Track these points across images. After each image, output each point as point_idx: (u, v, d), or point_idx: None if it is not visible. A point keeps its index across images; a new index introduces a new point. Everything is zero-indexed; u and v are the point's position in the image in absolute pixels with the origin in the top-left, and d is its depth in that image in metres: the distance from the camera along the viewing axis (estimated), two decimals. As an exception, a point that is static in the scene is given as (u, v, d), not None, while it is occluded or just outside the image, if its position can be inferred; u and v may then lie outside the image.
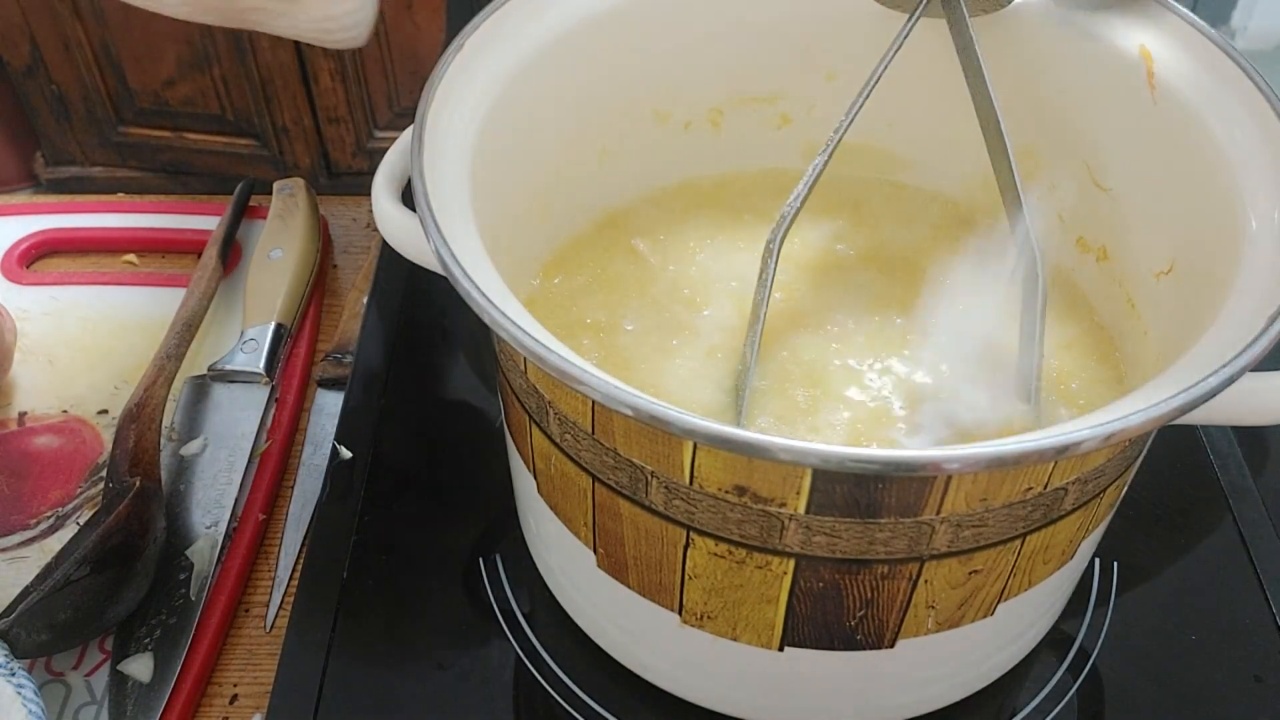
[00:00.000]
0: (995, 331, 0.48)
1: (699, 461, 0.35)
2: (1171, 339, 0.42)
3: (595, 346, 0.47)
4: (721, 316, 0.48)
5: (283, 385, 0.62)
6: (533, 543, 0.50)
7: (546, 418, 0.39)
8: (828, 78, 0.52)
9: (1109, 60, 0.45)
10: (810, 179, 0.43)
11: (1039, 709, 0.47)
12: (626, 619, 0.44)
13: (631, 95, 0.51)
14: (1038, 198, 0.51)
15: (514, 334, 0.33)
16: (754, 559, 0.37)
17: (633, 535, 0.40)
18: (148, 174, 1.54)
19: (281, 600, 0.53)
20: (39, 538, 0.55)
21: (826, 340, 0.47)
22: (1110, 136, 0.47)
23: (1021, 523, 0.36)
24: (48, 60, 1.43)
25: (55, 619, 0.47)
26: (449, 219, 0.37)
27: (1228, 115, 0.41)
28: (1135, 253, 0.47)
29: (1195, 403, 0.32)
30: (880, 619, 0.39)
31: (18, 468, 0.58)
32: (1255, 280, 0.36)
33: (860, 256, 0.52)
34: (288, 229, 0.67)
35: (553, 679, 0.48)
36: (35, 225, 0.71)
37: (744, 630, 0.41)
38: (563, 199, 0.51)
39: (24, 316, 0.65)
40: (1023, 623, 0.44)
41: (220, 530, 0.54)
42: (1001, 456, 0.31)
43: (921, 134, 0.53)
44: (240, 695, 0.50)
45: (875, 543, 0.36)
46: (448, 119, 0.41)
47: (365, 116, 1.44)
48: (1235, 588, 0.51)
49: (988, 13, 0.46)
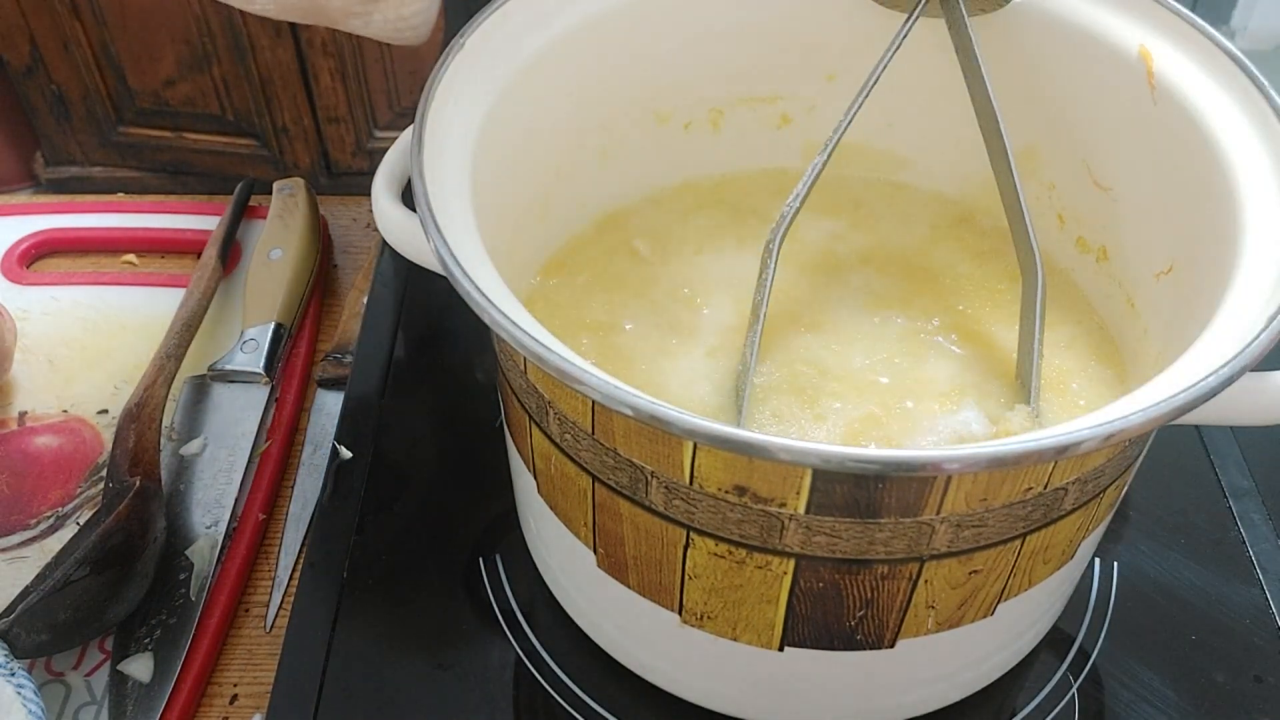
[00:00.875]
0: (995, 331, 0.48)
1: (699, 461, 0.35)
2: (1171, 339, 0.42)
3: (595, 346, 0.47)
4: (721, 316, 0.48)
5: (283, 385, 0.62)
6: (533, 543, 0.50)
7: (546, 418, 0.39)
8: (828, 78, 0.52)
9: (1109, 60, 0.45)
10: (810, 179, 0.43)
11: (1039, 709, 0.47)
12: (626, 619, 0.44)
13: (631, 95, 0.51)
14: (1037, 198, 0.51)
15: (514, 334, 0.33)
16: (754, 559, 0.37)
17: (633, 535, 0.40)
18: (148, 174, 1.54)
19: (281, 600, 0.53)
20: (39, 538, 0.55)
21: (826, 340, 0.47)
22: (1110, 136, 0.47)
23: (1021, 523, 0.36)
24: (48, 60, 1.43)
25: (55, 619, 0.47)
26: (449, 219, 0.37)
27: (1228, 115, 0.41)
28: (1135, 253, 0.47)
29: (1195, 403, 0.32)
30: (880, 619, 0.39)
31: (18, 468, 0.58)
32: (1255, 280, 0.36)
33: (860, 256, 0.52)
34: (288, 229, 0.67)
35: (553, 679, 0.48)
36: (35, 225, 0.71)
37: (744, 630, 0.41)
38: (563, 199, 0.51)
39: (24, 316, 0.65)
40: (1023, 623, 0.44)
41: (220, 530, 0.54)
42: (1001, 456, 0.31)
43: (921, 134, 0.53)
44: (240, 695, 0.50)
45: (875, 543, 0.36)
46: (448, 119, 0.41)
47: (365, 116, 1.44)
48: (1235, 588, 0.51)
49: (986, 12, 0.46)
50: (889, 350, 0.47)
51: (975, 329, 0.48)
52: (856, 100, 0.45)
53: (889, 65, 0.46)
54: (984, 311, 0.49)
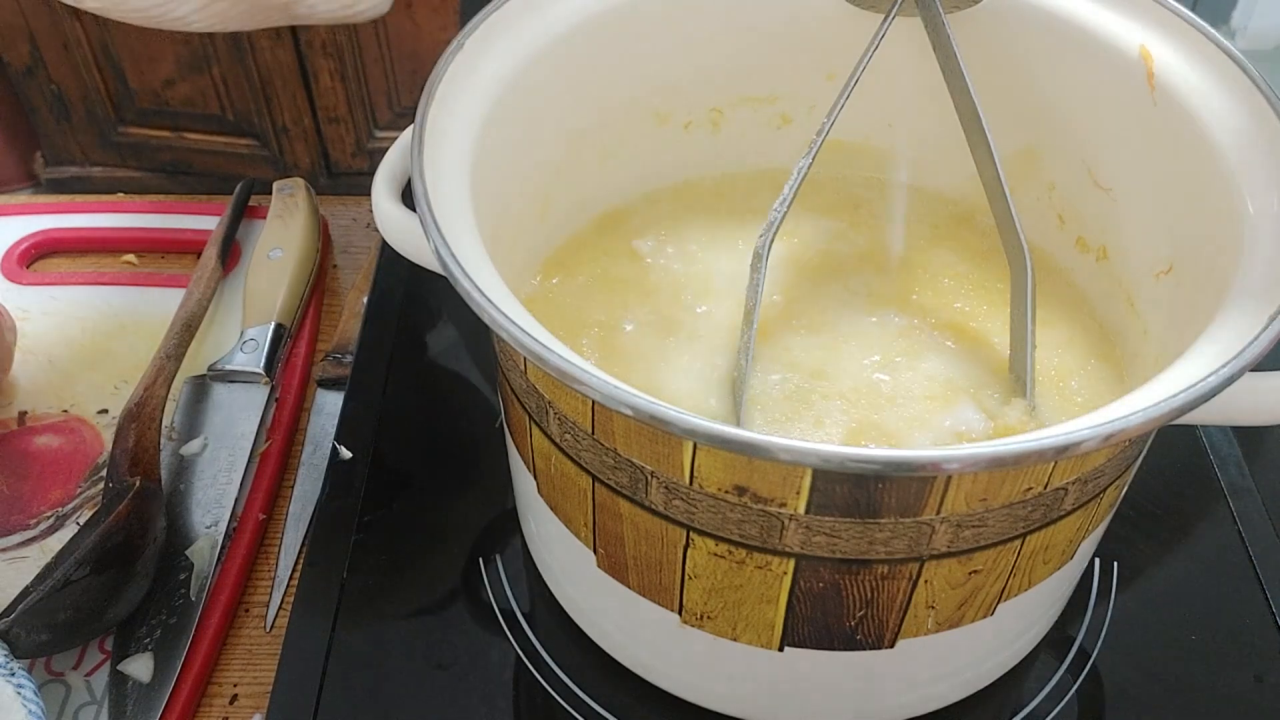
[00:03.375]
0: (994, 330, 0.48)
1: (699, 461, 0.35)
2: (1171, 338, 0.42)
3: (595, 346, 0.47)
4: (721, 316, 0.48)
5: (283, 385, 0.62)
6: (533, 543, 0.50)
7: (546, 418, 0.39)
8: (828, 78, 0.52)
9: (1109, 60, 0.45)
10: (795, 182, 0.43)
11: (1039, 709, 0.47)
12: (626, 619, 0.44)
13: (631, 95, 0.51)
14: (1037, 198, 0.51)
15: (514, 334, 0.33)
16: (754, 559, 0.37)
17: (633, 535, 0.40)
18: (148, 174, 1.54)
19: (281, 600, 0.53)
20: (39, 538, 0.55)
21: (826, 339, 0.47)
22: (1110, 136, 0.47)
23: (1021, 523, 0.36)
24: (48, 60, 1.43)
25: (55, 619, 0.47)
26: (449, 219, 0.37)
27: (1228, 115, 0.41)
28: (1135, 253, 0.47)
29: (1195, 403, 0.32)
30: (880, 619, 0.39)
31: (18, 468, 0.58)
32: (1255, 280, 0.36)
33: (859, 256, 0.52)
34: (288, 229, 0.67)
35: (553, 679, 0.48)
36: (35, 225, 0.71)
37: (744, 630, 0.41)
38: (563, 199, 0.51)
39: (24, 316, 0.65)
40: (1023, 623, 0.44)
41: (220, 530, 0.54)
42: (1001, 456, 0.31)
43: (921, 134, 0.53)
44: (240, 695, 0.50)
45: (875, 543, 0.36)
46: (448, 119, 0.41)
47: (365, 116, 1.44)
48: (1235, 588, 0.51)
49: (960, 9, 0.46)
50: (888, 350, 0.47)
51: (974, 328, 0.48)
52: (838, 103, 0.44)
53: (889, 65, 0.46)
54: (982, 311, 0.49)
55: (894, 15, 0.45)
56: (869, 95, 0.46)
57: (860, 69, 0.45)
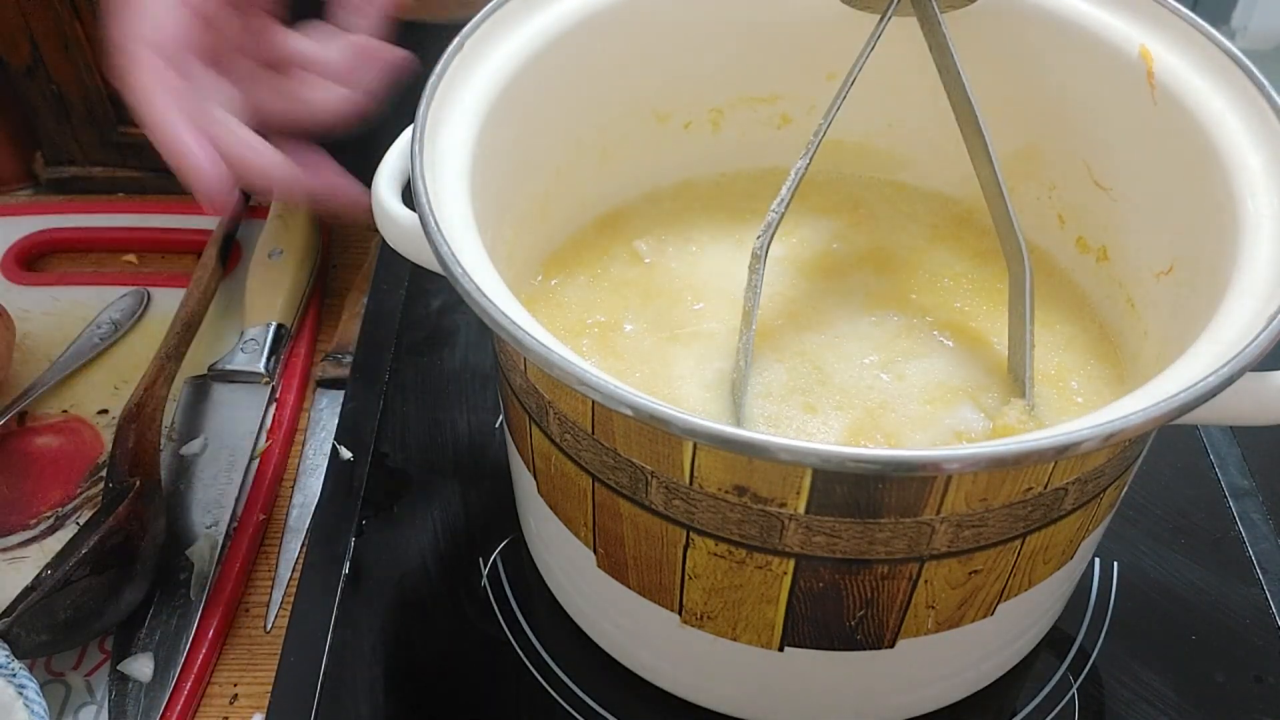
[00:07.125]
0: (993, 330, 0.48)
1: (699, 461, 0.35)
2: (1171, 339, 0.42)
3: (595, 346, 0.47)
4: (721, 316, 0.48)
5: (283, 385, 0.62)
6: (533, 543, 0.50)
7: (546, 418, 0.39)
8: (828, 78, 0.52)
9: (1109, 60, 0.45)
10: (793, 183, 0.43)
11: (1039, 709, 0.47)
12: (626, 619, 0.44)
13: (631, 95, 0.51)
14: (1037, 198, 0.51)
15: (514, 334, 0.33)
16: (754, 559, 0.37)
17: (633, 535, 0.40)
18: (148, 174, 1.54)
19: (281, 600, 0.53)
20: (39, 538, 0.55)
21: (826, 339, 0.47)
22: (1110, 136, 0.47)
23: (1021, 523, 0.36)
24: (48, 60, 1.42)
25: (55, 619, 0.47)
26: (449, 219, 0.37)
27: (1228, 115, 0.41)
28: (1135, 253, 0.47)
29: (1195, 403, 0.32)
30: (880, 619, 0.39)
31: (18, 468, 0.58)
32: (1255, 280, 0.36)
33: (859, 256, 0.52)
34: (288, 229, 0.67)
35: (553, 679, 0.48)
36: (35, 225, 0.71)
37: (744, 630, 0.41)
38: (563, 199, 0.51)
39: (24, 316, 0.65)
40: (1023, 623, 0.44)
41: (220, 530, 0.54)
42: (1001, 456, 0.31)
43: (921, 134, 0.53)
44: (240, 695, 0.50)
45: (875, 543, 0.36)
46: (448, 119, 0.41)
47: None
48: (1235, 588, 0.51)
49: (956, 9, 0.46)
50: (888, 349, 0.47)
51: (973, 328, 0.48)
52: (835, 103, 0.44)
53: (889, 66, 0.45)
54: (982, 310, 0.49)
55: (890, 15, 0.45)
56: (869, 95, 0.46)
57: (857, 69, 0.45)
